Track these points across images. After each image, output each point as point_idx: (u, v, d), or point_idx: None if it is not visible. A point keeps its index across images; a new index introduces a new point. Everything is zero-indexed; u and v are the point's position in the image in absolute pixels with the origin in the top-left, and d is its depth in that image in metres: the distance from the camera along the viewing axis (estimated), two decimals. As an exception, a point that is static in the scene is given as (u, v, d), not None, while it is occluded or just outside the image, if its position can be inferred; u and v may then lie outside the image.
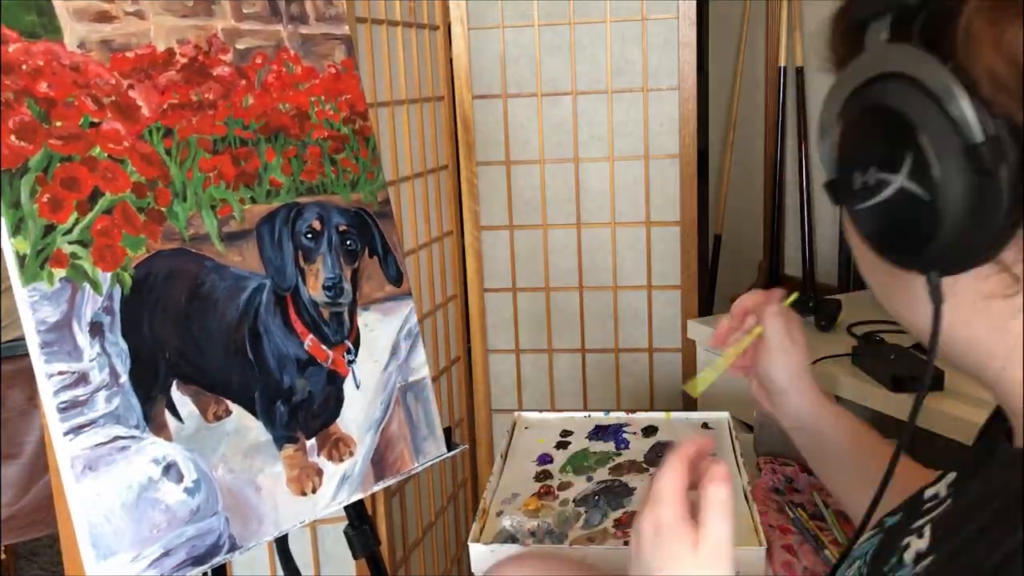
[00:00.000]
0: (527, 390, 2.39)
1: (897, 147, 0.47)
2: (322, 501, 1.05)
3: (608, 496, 1.33)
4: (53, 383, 0.85)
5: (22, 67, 0.85)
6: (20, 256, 0.84)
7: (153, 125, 0.95)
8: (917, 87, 0.46)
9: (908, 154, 0.46)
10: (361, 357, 1.12)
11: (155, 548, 0.89)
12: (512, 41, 2.16)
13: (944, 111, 0.45)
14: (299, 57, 1.11)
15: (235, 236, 1.01)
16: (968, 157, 0.44)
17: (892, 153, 0.47)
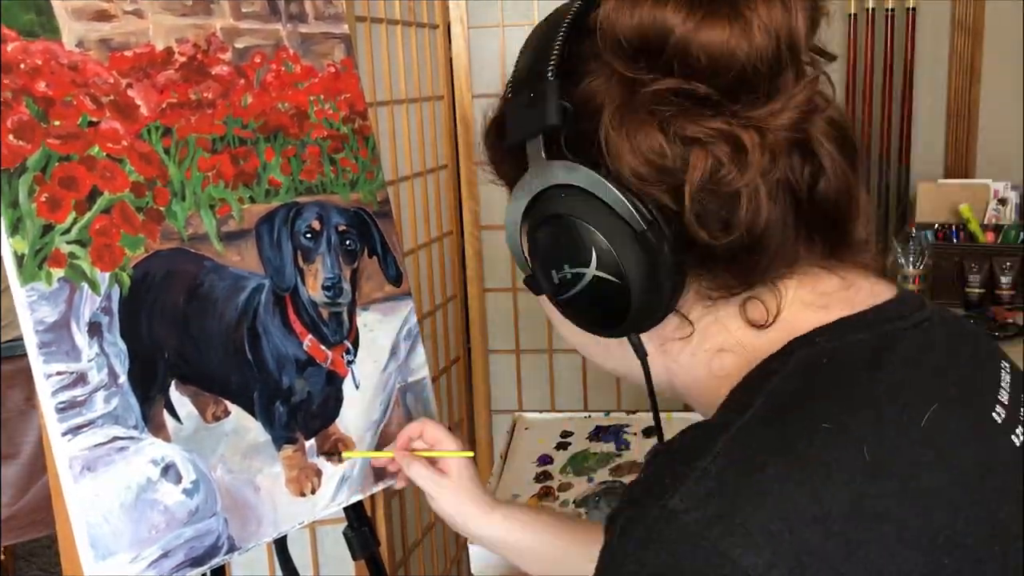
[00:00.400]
0: (527, 390, 2.38)
1: (583, 245, 0.57)
2: (321, 502, 1.05)
3: (608, 497, 1.33)
4: (51, 383, 0.84)
5: (20, 66, 0.85)
6: (18, 256, 0.83)
7: (152, 124, 0.94)
8: (585, 194, 0.56)
9: (593, 249, 0.56)
10: (360, 357, 1.12)
11: (154, 549, 0.89)
12: (512, 40, 2.15)
13: (611, 210, 0.55)
14: (298, 56, 1.11)
15: (234, 236, 1.01)
16: (639, 242, 0.55)
17: (580, 251, 0.57)
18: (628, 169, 0.55)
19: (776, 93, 0.54)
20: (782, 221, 0.56)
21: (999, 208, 2.40)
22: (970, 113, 2.54)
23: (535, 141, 0.58)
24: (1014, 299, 2.20)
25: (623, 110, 0.55)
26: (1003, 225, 2.33)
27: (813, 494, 0.47)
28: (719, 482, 0.48)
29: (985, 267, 2.21)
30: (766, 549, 0.46)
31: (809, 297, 0.59)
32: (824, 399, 0.52)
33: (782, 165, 0.55)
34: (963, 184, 2.47)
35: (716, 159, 0.53)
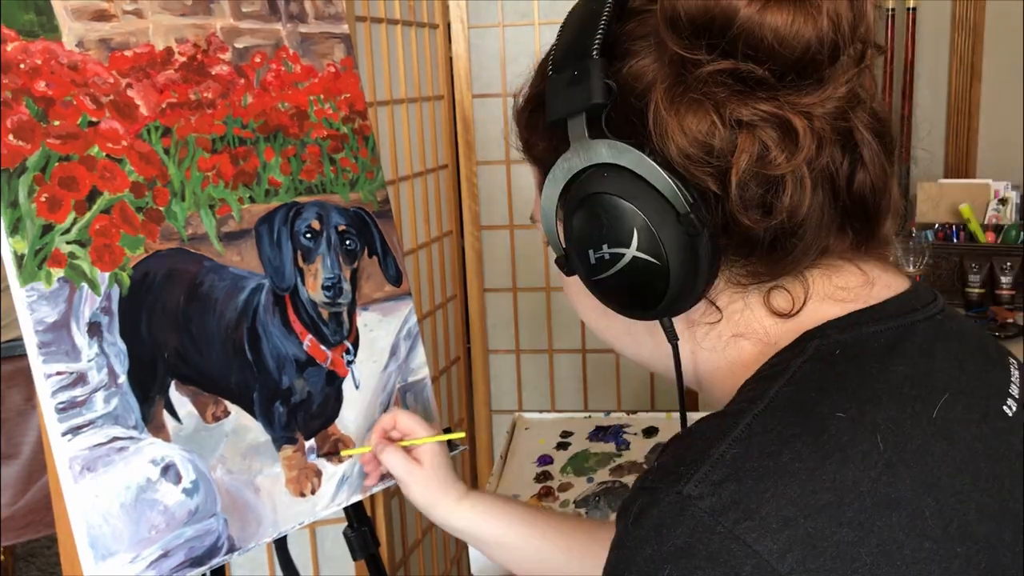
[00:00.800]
0: (527, 390, 2.38)
1: (624, 225, 0.56)
2: (321, 502, 1.05)
3: (609, 497, 1.33)
4: (51, 383, 0.84)
5: (20, 66, 0.85)
6: (18, 256, 0.83)
7: (151, 124, 0.94)
8: (629, 174, 0.56)
9: (635, 229, 0.56)
10: (360, 357, 1.12)
11: (154, 549, 0.89)
12: (512, 40, 2.15)
13: (655, 190, 0.55)
14: (298, 56, 1.11)
15: (234, 236, 1.01)
16: (681, 224, 0.55)
17: (620, 231, 0.56)
18: (676, 149, 0.54)
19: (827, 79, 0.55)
20: (821, 210, 0.56)
21: (999, 208, 2.40)
22: (970, 113, 2.54)
23: (578, 119, 0.57)
24: (1014, 299, 2.20)
25: (675, 89, 0.55)
26: (1003, 225, 2.33)
27: (828, 481, 0.48)
28: (734, 468, 0.49)
29: (985, 267, 2.21)
30: (781, 534, 0.46)
31: (828, 290, 0.59)
32: (838, 389, 0.53)
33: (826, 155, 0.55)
34: (963, 184, 2.47)
35: (764, 143, 0.53)
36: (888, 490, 0.48)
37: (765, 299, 0.59)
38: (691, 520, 0.48)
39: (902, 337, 0.57)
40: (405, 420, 1.01)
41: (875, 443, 0.49)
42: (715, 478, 0.49)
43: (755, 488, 0.48)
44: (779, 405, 0.52)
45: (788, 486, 0.48)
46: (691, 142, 0.54)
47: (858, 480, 0.48)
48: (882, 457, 0.49)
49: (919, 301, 0.60)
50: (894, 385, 0.53)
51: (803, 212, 0.55)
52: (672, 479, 0.50)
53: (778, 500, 0.47)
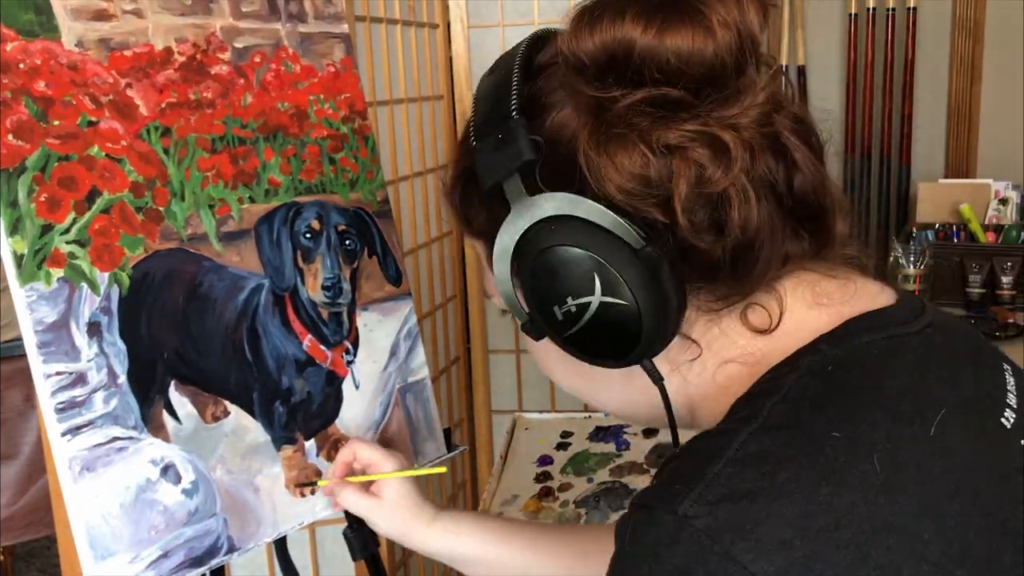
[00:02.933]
0: (527, 390, 2.38)
1: (584, 273, 0.55)
2: (321, 502, 1.05)
3: (609, 497, 1.33)
4: (51, 383, 0.84)
5: (19, 66, 0.85)
6: (17, 256, 0.83)
7: (151, 124, 0.94)
8: (576, 221, 0.55)
9: (595, 275, 0.55)
10: (360, 357, 1.12)
11: (153, 549, 0.89)
12: (512, 39, 2.15)
13: (606, 232, 0.54)
14: (298, 56, 1.11)
15: (233, 236, 1.01)
16: (640, 259, 0.54)
17: (581, 280, 0.55)
18: (614, 188, 0.54)
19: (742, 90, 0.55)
20: (771, 219, 0.56)
21: (1000, 208, 2.40)
22: (971, 113, 2.54)
23: (513, 180, 0.57)
24: (1015, 299, 2.20)
25: (598, 131, 0.55)
26: (1004, 225, 2.33)
27: (825, 503, 0.47)
28: (729, 489, 0.48)
29: (986, 267, 2.21)
30: (777, 556, 0.46)
31: (810, 297, 0.59)
32: (834, 407, 0.52)
33: (760, 163, 0.55)
34: (964, 184, 2.47)
35: (698, 163, 0.53)
36: (886, 513, 0.48)
37: (742, 319, 0.59)
38: (688, 540, 0.47)
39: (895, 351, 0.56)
40: (364, 452, 0.97)
41: (872, 465, 0.49)
42: (711, 498, 0.48)
43: (751, 509, 0.47)
44: (774, 424, 0.51)
45: (784, 507, 0.47)
46: (628, 178, 0.54)
47: (855, 503, 0.48)
48: (879, 478, 0.49)
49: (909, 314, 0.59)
50: (890, 402, 0.53)
51: (754, 223, 0.54)
52: (668, 498, 0.49)
53: (774, 521, 0.47)
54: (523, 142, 0.56)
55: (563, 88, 0.58)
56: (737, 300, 0.58)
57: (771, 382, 0.55)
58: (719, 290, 0.58)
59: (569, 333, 0.58)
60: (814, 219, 0.58)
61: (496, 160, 0.58)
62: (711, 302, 0.58)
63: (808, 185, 0.57)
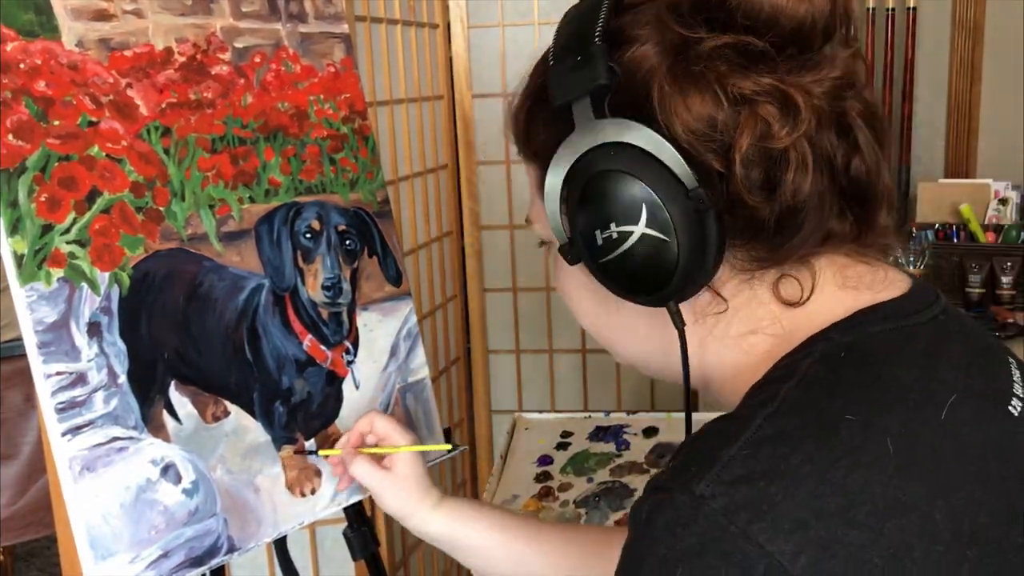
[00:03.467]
0: (527, 390, 2.38)
1: (633, 202, 0.56)
2: (321, 502, 1.05)
3: (608, 497, 1.33)
4: (51, 383, 0.84)
5: (20, 66, 0.85)
6: (18, 256, 0.83)
7: (151, 124, 0.94)
8: (636, 151, 0.55)
9: (643, 206, 0.55)
10: (360, 357, 1.12)
11: (153, 549, 0.89)
12: (512, 39, 2.15)
13: (664, 166, 0.55)
14: (298, 56, 1.11)
15: (233, 236, 1.01)
16: (690, 200, 0.55)
17: (629, 207, 0.56)
18: (681, 126, 0.55)
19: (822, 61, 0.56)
20: (821, 193, 0.56)
21: (1000, 208, 2.40)
22: (971, 113, 2.54)
23: (583, 102, 0.57)
24: (1015, 299, 2.20)
25: (677, 68, 0.55)
26: (1004, 225, 2.33)
27: (839, 484, 0.48)
28: (746, 469, 0.49)
29: (986, 267, 2.21)
30: (793, 536, 0.46)
31: (839, 279, 0.60)
32: (847, 392, 0.53)
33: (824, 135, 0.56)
34: (964, 184, 2.47)
35: (766, 119, 0.54)
36: (899, 494, 0.48)
37: (773, 289, 0.59)
38: (704, 520, 0.48)
39: (907, 339, 0.57)
40: (381, 424, 0.97)
41: (885, 447, 0.50)
42: (727, 478, 0.49)
43: (767, 489, 0.48)
44: (789, 407, 0.52)
45: (799, 488, 0.48)
46: (696, 118, 0.54)
47: (869, 483, 0.48)
48: (892, 461, 0.49)
49: (921, 302, 0.60)
50: (902, 388, 0.53)
51: (805, 191, 0.55)
52: (685, 479, 0.50)
53: (790, 502, 0.47)
54: (600, 66, 0.56)
55: (651, 25, 0.58)
56: (771, 266, 0.58)
57: (785, 368, 0.56)
58: (756, 251, 0.58)
59: (606, 259, 0.58)
60: (862, 204, 0.59)
61: (570, 80, 0.58)
62: (745, 262, 0.58)
63: (864, 169, 0.58)
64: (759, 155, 0.54)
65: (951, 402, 0.53)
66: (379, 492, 0.96)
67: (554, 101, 0.59)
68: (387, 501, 0.95)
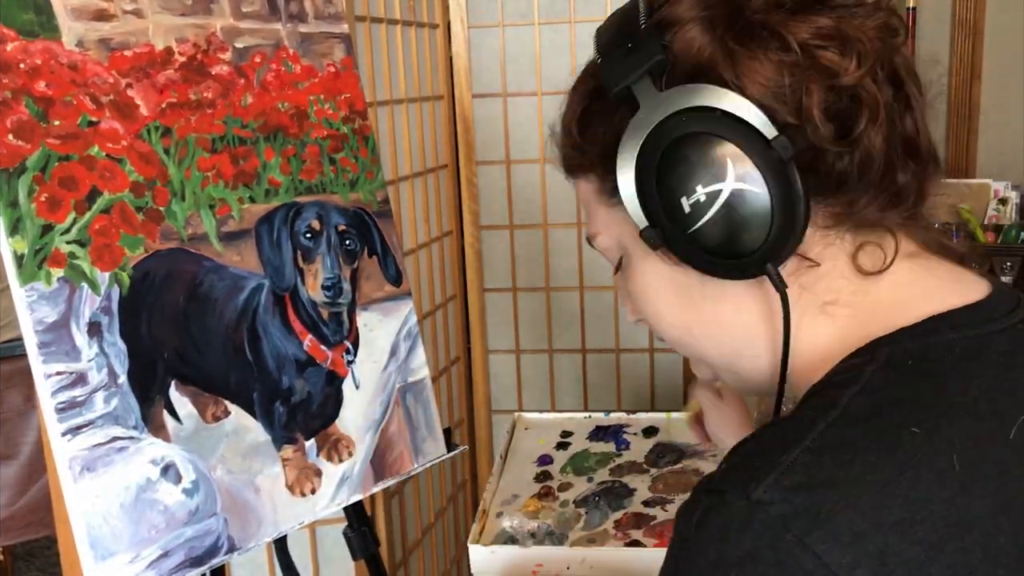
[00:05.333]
0: (527, 390, 2.38)
1: (716, 160, 0.54)
2: (321, 502, 1.05)
3: (608, 497, 1.33)
4: (51, 383, 0.84)
5: (20, 66, 0.85)
6: (18, 256, 0.83)
7: (151, 124, 0.94)
8: (708, 111, 0.54)
9: (728, 161, 0.54)
10: (360, 357, 1.12)
11: (153, 549, 0.89)
12: (512, 39, 2.15)
13: (740, 120, 0.53)
14: (298, 56, 1.11)
15: (234, 236, 1.01)
16: (773, 149, 0.53)
17: (714, 166, 0.54)
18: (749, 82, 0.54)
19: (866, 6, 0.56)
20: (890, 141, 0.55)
21: (999, 208, 2.40)
22: (971, 113, 2.54)
23: (643, 81, 0.56)
24: (1014, 299, 2.19)
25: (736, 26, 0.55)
26: (1003, 225, 2.33)
27: (901, 497, 0.47)
28: (807, 476, 0.48)
29: (985, 267, 2.21)
30: (851, 548, 0.45)
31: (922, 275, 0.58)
32: (913, 402, 0.51)
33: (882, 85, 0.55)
34: (963, 184, 2.46)
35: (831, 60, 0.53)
36: (962, 512, 0.47)
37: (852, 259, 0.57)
38: (760, 526, 0.46)
39: (981, 347, 0.55)
40: None
41: (951, 462, 0.48)
42: (786, 484, 0.47)
43: (827, 498, 0.46)
44: (853, 415, 0.51)
45: (860, 499, 0.46)
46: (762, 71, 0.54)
47: (931, 499, 0.47)
48: (957, 477, 0.48)
49: (1000, 309, 0.58)
50: (971, 400, 0.52)
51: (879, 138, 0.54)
52: (741, 483, 0.48)
53: (850, 512, 0.46)
54: (653, 45, 0.56)
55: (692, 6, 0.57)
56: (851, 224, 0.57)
57: (848, 371, 0.54)
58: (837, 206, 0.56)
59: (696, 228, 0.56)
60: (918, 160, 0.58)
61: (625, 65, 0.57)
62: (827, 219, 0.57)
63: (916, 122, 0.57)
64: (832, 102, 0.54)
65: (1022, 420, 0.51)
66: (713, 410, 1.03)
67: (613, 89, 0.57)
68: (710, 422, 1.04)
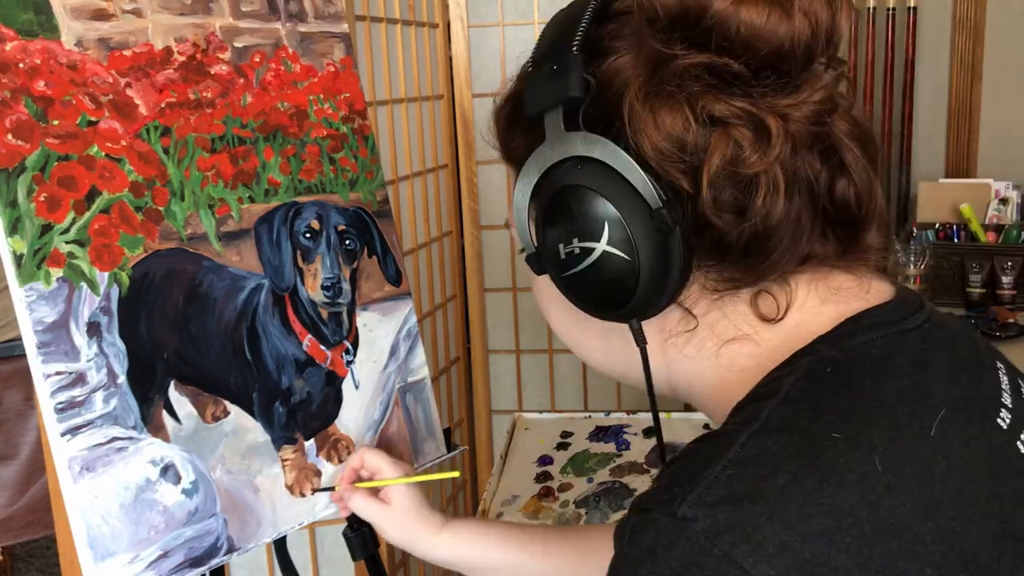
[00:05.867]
0: (527, 390, 2.38)
1: (595, 219, 0.55)
2: (321, 503, 1.04)
3: (609, 497, 1.33)
4: (50, 383, 0.84)
5: (19, 65, 0.85)
6: (17, 256, 0.83)
7: (151, 124, 0.94)
8: (602, 166, 0.55)
9: (605, 223, 0.55)
10: (360, 357, 1.12)
11: (153, 549, 0.88)
12: (512, 39, 2.15)
13: (628, 184, 0.54)
14: (298, 55, 1.11)
15: (233, 236, 1.01)
16: (653, 220, 0.54)
17: (591, 224, 0.55)
18: (649, 144, 0.54)
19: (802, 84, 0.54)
20: (797, 216, 0.55)
21: (1000, 208, 2.39)
22: (971, 112, 2.54)
23: (555, 113, 0.57)
24: (1015, 299, 2.20)
25: (650, 84, 0.55)
26: (1004, 225, 2.32)
27: (826, 505, 0.47)
28: (729, 490, 0.48)
29: (986, 267, 2.21)
30: (778, 559, 0.45)
31: (824, 293, 0.58)
32: (833, 410, 0.51)
33: (802, 159, 0.54)
34: (964, 184, 2.47)
35: (737, 142, 0.53)
36: (888, 515, 0.47)
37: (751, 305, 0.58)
38: (686, 543, 0.47)
39: (894, 349, 0.55)
40: (372, 459, 0.99)
41: (873, 465, 0.48)
42: (710, 499, 0.48)
43: (751, 511, 0.47)
44: (774, 425, 0.51)
45: (785, 510, 0.46)
46: (665, 137, 0.54)
47: (856, 504, 0.47)
48: (880, 480, 0.48)
49: (907, 309, 0.59)
50: (889, 403, 0.52)
51: (777, 216, 0.54)
52: (667, 500, 0.49)
53: (775, 524, 0.46)
54: (574, 78, 0.56)
55: (630, 37, 0.57)
56: (743, 287, 0.57)
57: (769, 384, 0.55)
58: (727, 272, 0.57)
59: (568, 274, 0.58)
60: (850, 225, 0.58)
61: (544, 90, 0.58)
62: (716, 283, 0.58)
63: (852, 192, 0.56)
64: (729, 178, 0.53)
65: (941, 417, 0.52)
66: (380, 525, 0.97)
67: (527, 110, 0.59)
68: (390, 533, 0.96)
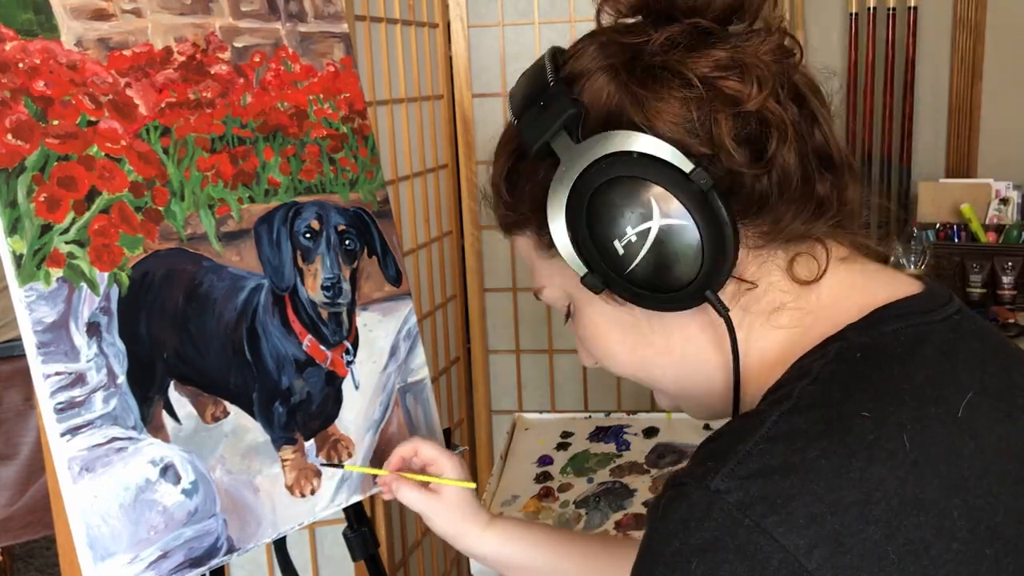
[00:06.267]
0: (527, 390, 2.38)
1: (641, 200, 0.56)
2: (321, 503, 1.04)
3: (609, 498, 1.32)
4: (50, 384, 0.84)
5: (19, 65, 0.85)
6: (17, 256, 0.83)
7: (151, 124, 0.94)
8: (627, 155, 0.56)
9: (652, 200, 0.56)
10: (360, 358, 1.12)
11: (153, 550, 0.88)
12: (512, 39, 2.15)
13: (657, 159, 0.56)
14: (297, 55, 1.10)
15: (233, 236, 1.01)
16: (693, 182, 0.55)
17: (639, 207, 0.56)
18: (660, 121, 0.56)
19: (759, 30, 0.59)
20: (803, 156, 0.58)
21: (1001, 208, 2.39)
22: (972, 112, 2.53)
23: (560, 136, 0.58)
24: (1016, 299, 2.20)
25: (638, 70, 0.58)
26: (1005, 225, 2.32)
27: (855, 479, 0.48)
28: (761, 464, 0.49)
29: (987, 267, 2.21)
30: (807, 530, 0.46)
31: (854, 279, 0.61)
32: (862, 389, 0.53)
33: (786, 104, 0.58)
34: (965, 184, 2.46)
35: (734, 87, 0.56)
36: (915, 490, 0.49)
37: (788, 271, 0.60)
38: (719, 514, 0.48)
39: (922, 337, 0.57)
40: (427, 450, 1.00)
41: (901, 442, 0.50)
42: (742, 473, 0.49)
43: (782, 484, 0.48)
44: (805, 403, 0.53)
45: (815, 483, 0.48)
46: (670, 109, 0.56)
47: (885, 479, 0.48)
48: (908, 456, 0.49)
49: (936, 301, 0.60)
50: (917, 385, 0.54)
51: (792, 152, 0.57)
52: (700, 474, 0.50)
53: (805, 496, 0.47)
54: (564, 101, 0.59)
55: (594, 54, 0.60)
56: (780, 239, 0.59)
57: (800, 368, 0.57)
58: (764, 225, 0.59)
59: (631, 268, 0.58)
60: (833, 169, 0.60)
61: (540, 122, 0.59)
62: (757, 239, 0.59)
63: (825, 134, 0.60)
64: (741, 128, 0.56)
65: (968, 400, 0.53)
66: (430, 516, 0.97)
67: (531, 148, 0.60)
68: (438, 524, 0.97)
